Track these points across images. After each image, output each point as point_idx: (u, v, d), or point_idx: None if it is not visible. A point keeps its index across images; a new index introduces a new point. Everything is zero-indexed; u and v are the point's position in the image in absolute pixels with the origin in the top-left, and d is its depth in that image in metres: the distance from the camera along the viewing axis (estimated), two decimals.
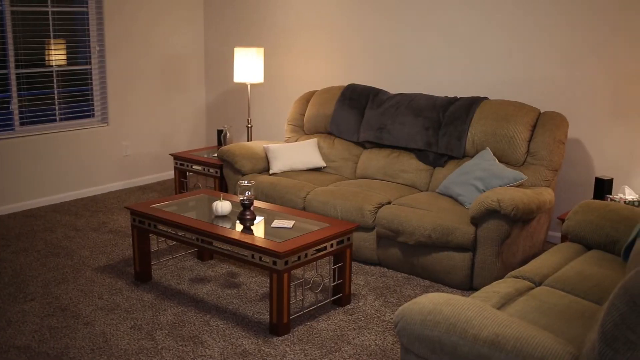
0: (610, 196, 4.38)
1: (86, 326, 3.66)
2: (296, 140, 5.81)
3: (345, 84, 6.08)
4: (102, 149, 6.44)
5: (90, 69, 6.32)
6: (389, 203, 4.62)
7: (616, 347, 1.97)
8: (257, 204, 4.37)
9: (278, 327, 3.57)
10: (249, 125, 6.24)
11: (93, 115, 6.42)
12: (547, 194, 4.40)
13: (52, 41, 6.00)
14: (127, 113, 6.59)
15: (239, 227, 3.86)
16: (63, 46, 6.10)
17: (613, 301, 2.00)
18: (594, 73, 4.82)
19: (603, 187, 4.45)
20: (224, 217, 4.04)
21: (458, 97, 5.09)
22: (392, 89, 5.88)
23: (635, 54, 4.62)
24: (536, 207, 4.20)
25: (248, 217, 3.93)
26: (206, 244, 3.85)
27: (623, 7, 4.61)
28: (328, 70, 6.30)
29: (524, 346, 2.19)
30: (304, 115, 5.85)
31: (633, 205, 4.25)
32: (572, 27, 4.85)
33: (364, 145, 5.44)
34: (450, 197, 4.63)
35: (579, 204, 3.73)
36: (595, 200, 3.71)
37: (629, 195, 4.40)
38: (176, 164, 5.95)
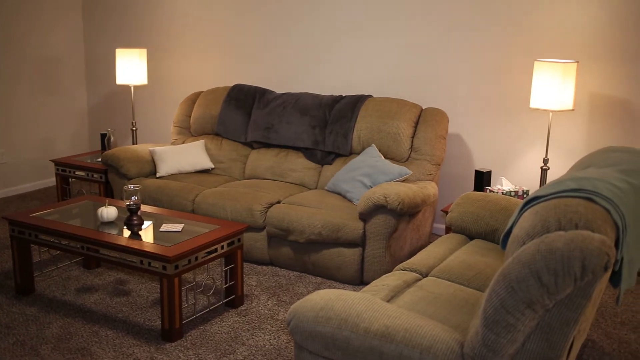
0: (489, 187, 4.58)
1: None
2: (183, 142, 5.73)
3: (231, 85, 6.04)
4: None
5: None
6: (279, 202, 4.64)
7: (497, 330, 2.07)
8: (144, 208, 4.28)
9: (170, 332, 3.51)
10: (134, 128, 6.09)
11: None
12: (431, 188, 4.56)
13: None
14: (1, 118, 6.27)
15: (127, 232, 3.76)
16: None
17: (493, 287, 2.09)
18: (471, 71, 5.02)
19: (482, 179, 4.65)
20: (110, 224, 3.93)
21: (343, 95, 5.17)
22: (278, 89, 5.91)
23: (509, 52, 4.86)
24: (421, 201, 4.33)
25: (135, 222, 3.84)
26: (92, 251, 3.72)
27: (500, 5, 4.84)
28: (213, 70, 6.25)
29: (413, 336, 2.26)
30: (190, 116, 5.77)
31: (510, 195, 4.47)
32: (452, 26, 5.04)
33: (251, 145, 5.43)
34: (339, 194, 4.70)
35: (461, 196, 3.89)
36: (475, 192, 3.87)
37: (506, 186, 4.62)
38: (57, 170, 5.72)
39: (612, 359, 3.38)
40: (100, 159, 5.72)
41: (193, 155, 5.36)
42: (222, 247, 3.75)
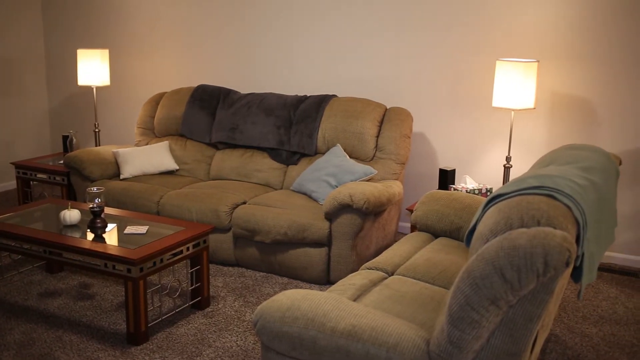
0: (453, 186, 4.62)
1: None
2: (147, 144, 5.68)
3: (195, 85, 6.01)
4: None
5: None
6: (244, 203, 4.62)
7: (462, 327, 2.09)
8: (108, 210, 4.23)
9: (136, 336, 3.47)
10: (97, 130, 6.02)
11: None
12: (396, 187, 4.58)
13: None
14: None
15: (90, 235, 3.71)
16: None
17: (458, 285, 2.11)
18: (434, 70, 5.07)
19: (447, 178, 4.69)
20: (73, 227, 3.88)
21: (307, 95, 5.18)
22: (243, 89, 5.89)
23: (471, 51, 4.91)
24: (386, 200, 4.35)
25: (99, 225, 3.80)
26: (55, 255, 3.67)
27: (462, 5, 4.88)
28: (177, 71, 6.20)
29: (379, 334, 2.27)
30: (154, 117, 5.72)
31: (473, 193, 4.52)
32: (415, 26, 5.07)
33: (216, 146, 5.40)
34: (305, 194, 4.70)
35: (425, 194, 3.91)
36: (440, 191, 3.90)
37: (470, 184, 4.67)
38: (18, 173, 5.63)
39: (575, 353, 3.44)
40: (62, 161, 5.64)
41: (157, 156, 5.31)
42: (188, 249, 3.72)
